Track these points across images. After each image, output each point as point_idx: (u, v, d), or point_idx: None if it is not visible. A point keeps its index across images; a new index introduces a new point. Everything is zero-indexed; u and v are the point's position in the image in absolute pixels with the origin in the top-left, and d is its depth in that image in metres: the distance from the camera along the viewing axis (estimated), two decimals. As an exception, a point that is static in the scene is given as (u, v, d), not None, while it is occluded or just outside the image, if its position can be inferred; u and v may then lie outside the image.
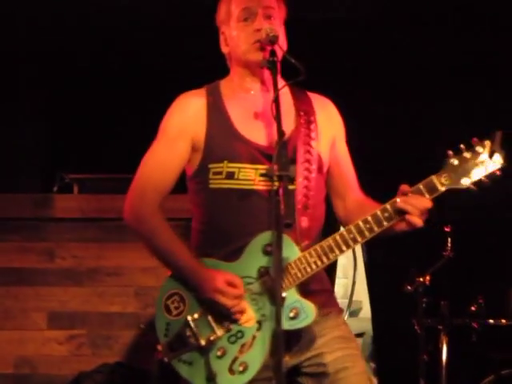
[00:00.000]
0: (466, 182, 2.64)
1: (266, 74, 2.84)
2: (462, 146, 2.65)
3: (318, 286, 2.84)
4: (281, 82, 2.86)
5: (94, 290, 4.78)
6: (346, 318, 5.20)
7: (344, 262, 6.60)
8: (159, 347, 2.78)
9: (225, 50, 2.96)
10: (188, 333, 2.75)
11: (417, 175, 2.73)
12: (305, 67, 2.68)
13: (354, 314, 6.68)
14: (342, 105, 3.04)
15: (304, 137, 2.83)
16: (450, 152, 2.66)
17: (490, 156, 2.62)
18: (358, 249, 5.53)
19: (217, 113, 2.88)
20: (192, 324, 2.75)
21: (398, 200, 2.68)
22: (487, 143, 2.63)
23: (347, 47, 5.11)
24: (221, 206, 2.82)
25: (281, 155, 2.51)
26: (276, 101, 2.64)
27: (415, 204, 2.65)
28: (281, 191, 2.47)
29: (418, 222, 2.67)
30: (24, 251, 4.81)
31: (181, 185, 2.98)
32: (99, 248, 4.78)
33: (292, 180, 2.54)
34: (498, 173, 2.63)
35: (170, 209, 3.00)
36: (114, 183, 4.68)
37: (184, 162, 2.88)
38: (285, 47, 2.91)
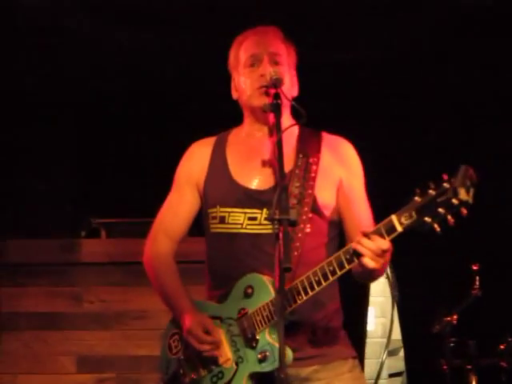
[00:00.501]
0: (428, 221, 2.42)
1: (273, 118, 2.82)
2: (430, 182, 2.43)
3: (322, 331, 2.81)
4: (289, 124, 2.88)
5: (121, 334, 4.81)
6: (384, 357, 5.18)
7: (382, 300, 6.55)
8: None
9: (234, 95, 2.99)
10: (180, 371, 2.84)
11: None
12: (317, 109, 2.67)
13: (393, 353, 6.60)
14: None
15: (299, 180, 2.82)
16: (417, 190, 2.46)
17: (455, 193, 2.36)
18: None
19: (217, 159, 2.94)
20: (183, 362, 2.84)
21: (355, 242, 2.58)
22: (453, 179, 2.37)
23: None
24: (216, 249, 2.90)
25: (281, 199, 2.50)
26: (278, 144, 2.64)
27: (367, 245, 2.51)
28: (280, 235, 2.44)
29: (369, 264, 2.52)
30: (52, 296, 4.87)
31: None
32: (125, 292, 4.83)
33: (294, 224, 2.49)
34: (464, 211, 2.37)
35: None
36: (141, 227, 4.66)
37: (193, 208, 2.98)
38: (295, 91, 2.94)
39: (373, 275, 2.71)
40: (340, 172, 2.89)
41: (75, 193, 5.59)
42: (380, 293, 5.67)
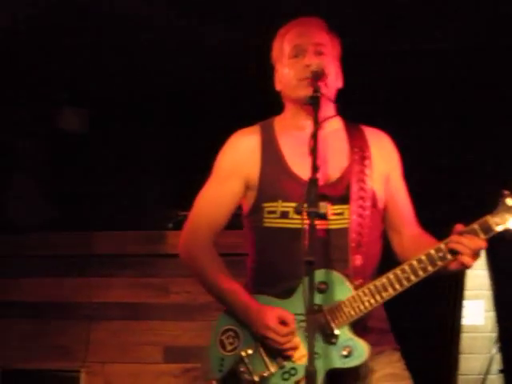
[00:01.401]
0: None
1: (325, 112, 2.82)
2: None
3: (373, 324, 2.80)
4: (336, 119, 2.89)
5: (206, 325, 4.85)
6: (494, 351, 5.11)
7: (490, 293, 6.46)
8: (213, 383, 2.80)
9: (278, 87, 2.96)
10: (242, 368, 2.75)
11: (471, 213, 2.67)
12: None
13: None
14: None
15: (358, 174, 2.81)
16: (506, 191, 2.56)
17: None
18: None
19: (271, 151, 2.88)
20: (246, 360, 2.76)
21: (452, 240, 2.62)
22: None
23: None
24: (274, 244, 2.82)
25: (310, 192, 2.49)
26: (314, 137, 2.61)
27: (468, 244, 2.60)
28: (307, 228, 2.44)
29: (468, 261, 2.62)
30: (139, 286, 4.97)
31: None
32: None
33: (322, 216, 2.49)
34: None
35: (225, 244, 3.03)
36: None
37: (236, 200, 2.91)
38: (340, 83, 2.92)
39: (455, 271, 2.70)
40: (387, 166, 2.92)
41: (163, 186, 5.68)
42: (487, 286, 5.57)
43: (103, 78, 5.50)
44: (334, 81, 2.88)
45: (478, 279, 5.90)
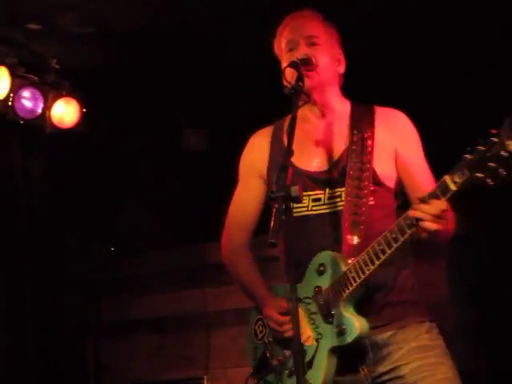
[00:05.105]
0: (480, 176, 2.41)
1: (324, 100, 2.91)
2: (479, 139, 2.42)
3: (395, 298, 2.82)
4: (344, 103, 2.97)
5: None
6: None
7: None
8: (251, 371, 2.97)
9: (285, 83, 2.95)
10: (267, 354, 2.89)
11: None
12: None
13: None
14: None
15: (356, 155, 2.83)
16: (468, 148, 2.45)
17: (503, 146, 2.35)
18: None
19: (277, 145, 2.97)
20: (269, 346, 2.89)
21: (412, 207, 2.59)
22: (501, 132, 2.35)
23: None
24: (283, 234, 2.83)
25: (280, 177, 2.53)
26: (291, 125, 2.69)
27: (426, 210, 2.54)
28: (273, 211, 2.47)
29: (430, 226, 2.55)
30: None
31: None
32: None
33: (296, 200, 2.51)
34: None
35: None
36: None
37: (260, 198, 3.01)
38: (341, 69, 2.97)
39: (439, 237, 2.66)
40: (394, 142, 2.90)
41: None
42: None
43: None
44: (330, 67, 2.93)
45: None
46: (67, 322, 5.53)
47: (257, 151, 3.04)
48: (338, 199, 2.84)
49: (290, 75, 2.84)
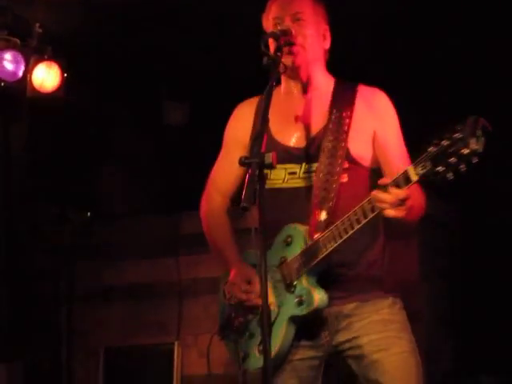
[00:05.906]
0: (441, 170, 2.47)
1: (308, 75, 2.97)
2: (444, 133, 2.48)
3: (362, 272, 2.91)
4: (328, 80, 3.03)
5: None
6: None
7: None
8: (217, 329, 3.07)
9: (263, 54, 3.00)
10: (232, 314, 2.99)
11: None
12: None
13: None
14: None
15: (332, 133, 2.90)
16: (434, 140, 2.51)
17: (465, 143, 2.42)
18: None
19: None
20: (234, 308, 2.99)
21: (371, 194, 2.65)
22: (463, 129, 2.43)
23: None
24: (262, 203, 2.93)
25: (254, 145, 2.58)
26: (267, 93, 2.71)
27: (385, 198, 2.60)
28: (247, 177, 2.49)
29: (389, 214, 2.62)
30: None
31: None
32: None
33: (268, 166, 2.53)
34: (474, 159, 2.43)
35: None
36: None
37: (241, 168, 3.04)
38: (326, 44, 3.02)
39: (404, 220, 2.69)
40: (373, 123, 2.96)
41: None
42: None
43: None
44: (315, 42, 2.99)
45: None
46: (41, 287, 5.59)
47: (241, 121, 3.10)
48: (311, 174, 2.91)
49: (271, 47, 2.88)
